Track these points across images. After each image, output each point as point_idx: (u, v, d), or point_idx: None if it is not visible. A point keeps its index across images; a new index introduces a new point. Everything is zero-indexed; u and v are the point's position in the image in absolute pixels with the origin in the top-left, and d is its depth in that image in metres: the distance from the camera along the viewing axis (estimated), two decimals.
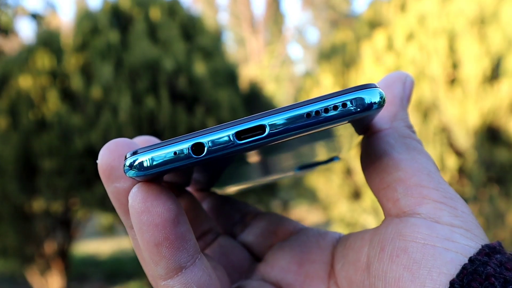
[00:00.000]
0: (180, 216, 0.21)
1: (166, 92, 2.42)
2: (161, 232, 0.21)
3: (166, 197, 0.21)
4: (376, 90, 0.20)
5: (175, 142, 0.20)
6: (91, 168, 2.37)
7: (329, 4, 12.46)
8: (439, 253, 0.21)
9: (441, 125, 2.15)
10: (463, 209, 0.23)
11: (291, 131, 0.19)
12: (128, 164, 0.20)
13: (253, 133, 0.19)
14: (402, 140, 0.26)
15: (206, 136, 0.19)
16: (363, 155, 0.27)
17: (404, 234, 0.22)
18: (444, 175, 2.10)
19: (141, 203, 0.21)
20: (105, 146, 0.24)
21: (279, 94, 9.84)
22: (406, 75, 0.29)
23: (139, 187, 0.21)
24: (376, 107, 0.19)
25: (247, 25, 11.92)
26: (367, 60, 2.39)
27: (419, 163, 0.24)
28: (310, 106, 0.19)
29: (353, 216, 2.53)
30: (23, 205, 2.62)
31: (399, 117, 0.27)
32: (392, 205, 0.24)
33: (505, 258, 0.21)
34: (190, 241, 0.22)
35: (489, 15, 2.10)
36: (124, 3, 2.68)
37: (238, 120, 0.20)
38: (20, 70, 2.55)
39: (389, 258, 0.22)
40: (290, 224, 0.31)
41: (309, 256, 0.28)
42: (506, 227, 2.02)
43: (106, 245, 4.92)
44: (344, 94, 0.19)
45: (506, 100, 2.00)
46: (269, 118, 0.19)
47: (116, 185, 0.23)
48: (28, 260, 2.85)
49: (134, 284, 3.35)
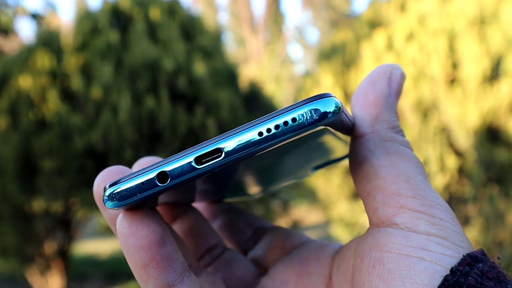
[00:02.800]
0: (166, 237, 0.22)
1: (166, 92, 2.42)
2: (147, 254, 0.22)
3: (150, 220, 0.22)
4: (330, 100, 0.20)
5: (140, 174, 0.21)
6: (91, 168, 2.37)
7: (329, 4, 12.46)
8: (413, 263, 0.21)
9: (441, 125, 2.15)
10: (442, 216, 0.23)
11: (246, 151, 0.20)
12: (104, 198, 0.22)
13: (211, 156, 0.20)
14: (383, 144, 0.25)
15: (169, 165, 0.21)
16: (350, 159, 0.27)
17: (380, 244, 0.23)
18: (444, 175, 2.11)
19: (127, 227, 0.22)
20: (100, 175, 0.25)
21: (279, 94, 9.84)
22: (392, 68, 0.27)
23: (124, 213, 0.23)
24: (331, 116, 0.20)
25: (247, 25, 11.92)
26: (367, 60, 2.39)
27: (398, 169, 0.24)
28: (261, 125, 0.20)
29: (352, 216, 2.54)
30: (23, 205, 2.62)
31: (382, 119, 0.26)
32: (372, 214, 0.24)
33: (487, 267, 0.21)
34: (177, 260, 0.22)
35: (489, 15, 2.10)
36: (124, 3, 2.68)
37: (196, 146, 0.21)
38: (20, 70, 2.55)
39: (366, 269, 0.23)
40: (296, 238, 0.31)
41: (308, 268, 0.28)
42: (506, 227, 2.02)
43: (106, 245, 4.92)
44: (294, 108, 0.20)
45: (506, 100, 2.00)
46: (224, 141, 0.20)
47: (109, 211, 0.25)
48: (28, 260, 2.85)
49: (134, 284, 3.35)
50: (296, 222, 4.36)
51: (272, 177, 0.33)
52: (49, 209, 2.73)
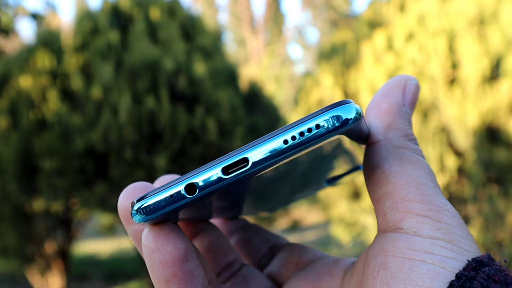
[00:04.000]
0: (189, 254, 0.23)
1: (166, 92, 2.42)
2: (171, 269, 0.23)
3: (176, 236, 0.23)
4: (351, 106, 0.21)
5: (169, 187, 0.21)
6: (91, 168, 2.37)
7: (329, 4, 12.46)
8: (415, 265, 0.21)
9: (441, 125, 2.15)
10: (448, 221, 0.23)
11: (272, 159, 0.21)
12: (133, 212, 0.22)
13: (238, 166, 0.21)
14: (396, 151, 0.25)
15: (196, 176, 0.21)
16: (364, 166, 0.27)
17: (385, 249, 0.23)
18: (444, 175, 2.11)
19: (152, 242, 0.23)
20: (124, 191, 0.26)
21: (279, 94, 9.84)
22: (406, 79, 0.28)
23: (150, 228, 0.23)
24: (352, 122, 0.20)
25: (247, 25, 11.92)
26: (367, 60, 2.40)
27: (408, 175, 0.24)
28: (286, 133, 0.21)
29: (352, 216, 2.54)
30: (23, 205, 2.63)
31: (395, 127, 0.26)
32: (382, 220, 0.24)
33: (493, 270, 0.21)
34: (198, 276, 0.23)
35: (488, 15, 2.10)
36: (124, 3, 2.69)
37: (222, 157, 0.21)
38: (20, 70, 2.55)
39: (372, 274, 0.23)
40: (310, 254, 0.32)
41: (321, 283, 0.29)
42: (506, 227, 2.02)
43: (106, 245, 4.92)
44: (316, 116, 0.21)
45: (506, 100, 2.00)
46: (250, 151, 0.21)
47: (134, 227, 0.26)
48: (28, 260, 2.85)
49: (134, 284, 3.35)
50: (296, 222, 4.37)
51: (287, 192, 0.34)
52: (49, 209, 2.73)
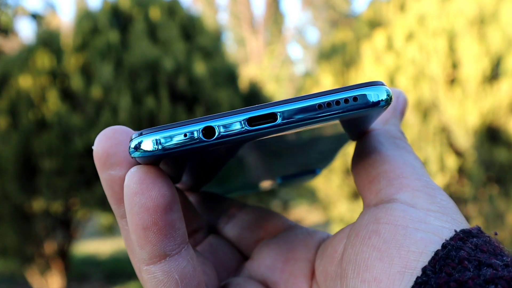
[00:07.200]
0: (173, 204, 0.21)
1: (166, 92, 2.42)
2: (151, 217, 0.20)
3: (163, 182, 0.21)
4: (383, 88, 0.20)
5: (186, 124, 0.19)
6: (91, 168, 2.37)
7: (329, 4, 12.46)
8: (409, 233, 0.21)
9: (441, 125, 2.15)
10: (443, 198, 0.23)
11: (302, 121, 0.20)
12: (133, 145, 0.20)
13: (264, 120, 0.20)
14: (392, 140, 0.26)
15: (218, 121, 0.19)
16: (354, 156, 0.27)
17: (378, 218, 0.22)
18: (444, 175, 2.11)
19: (137, 184, 0.21)
20: (102, 132, 0.23)
21: (279, 94, 9.84)
22: (400, 92, 0.30)
23: (138, 167, 0.21)
24: (384, 104, 0.20)
25: (247, 25, 11.92)
26: (367, 60, 2.40)
27: (405, 159, 0.25)
28: (322, 98, 0.20)
29: (352, 216, 2.54)
30: (23, 205, 2.62)
31: (391, 122, 0.28)
32: (374, 196, 0.24)
33: (481, 241, 0.20)
34: (179, 230, 0.21)
35: (488, 15, 2.10)
36: (124, 3, 2.68)
37: (251, 107, 0.20)
38: (20, 70, 2.55)
39: (361, 241, 0.22)
40: (279, 220, 0.30)
41: (295, 254, 0.28)
42: (506, 227, 2.02)
43: (106, 245, 4.92)
44: (354, 89, 0.20)
45: (506, 100, 2.00)
46: (282, 107, 0.20)
47: (110, 172, 0.23)
48: (28, 260, 2.85)
49: (134, 284, 3.35)
50: (296, 222, 4.36)
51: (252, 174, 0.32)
52: (49, 209, 2.73)
